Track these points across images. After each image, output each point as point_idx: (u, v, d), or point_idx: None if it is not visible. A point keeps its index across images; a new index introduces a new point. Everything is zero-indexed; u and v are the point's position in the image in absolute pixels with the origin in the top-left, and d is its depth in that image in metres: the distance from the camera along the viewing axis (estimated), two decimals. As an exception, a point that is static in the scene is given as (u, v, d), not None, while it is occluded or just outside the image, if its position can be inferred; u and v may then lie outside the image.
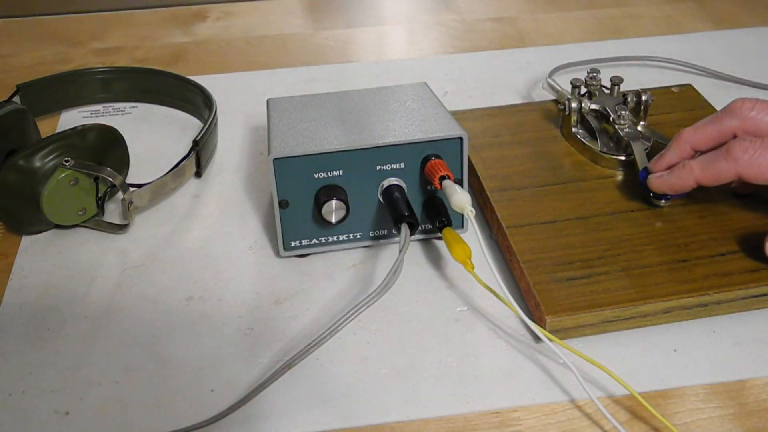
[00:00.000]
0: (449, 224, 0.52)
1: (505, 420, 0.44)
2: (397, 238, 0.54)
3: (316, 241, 0.54)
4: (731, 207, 0.54)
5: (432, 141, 0.51)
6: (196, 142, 0.61)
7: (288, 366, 0.45)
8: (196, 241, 0.57)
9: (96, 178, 0.56)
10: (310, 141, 0.51)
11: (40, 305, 0.52)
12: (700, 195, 0.54)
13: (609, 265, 0.50)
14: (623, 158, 0.58)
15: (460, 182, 0.52)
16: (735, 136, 0.50)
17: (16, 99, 0.67)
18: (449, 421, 0.44)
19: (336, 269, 0.54)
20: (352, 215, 0.52)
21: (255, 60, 0.82)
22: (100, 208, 0.57)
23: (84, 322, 0.51)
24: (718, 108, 0.65)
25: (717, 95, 0.68)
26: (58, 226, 0.57)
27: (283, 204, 0.52)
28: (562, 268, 0.50)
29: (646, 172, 0.54)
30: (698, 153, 0.52)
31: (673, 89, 0.68)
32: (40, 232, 0.58)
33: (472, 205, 0.48)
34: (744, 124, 0.50)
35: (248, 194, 0.62)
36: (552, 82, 0.70)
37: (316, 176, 0.51)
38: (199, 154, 0.61)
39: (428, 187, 0.53)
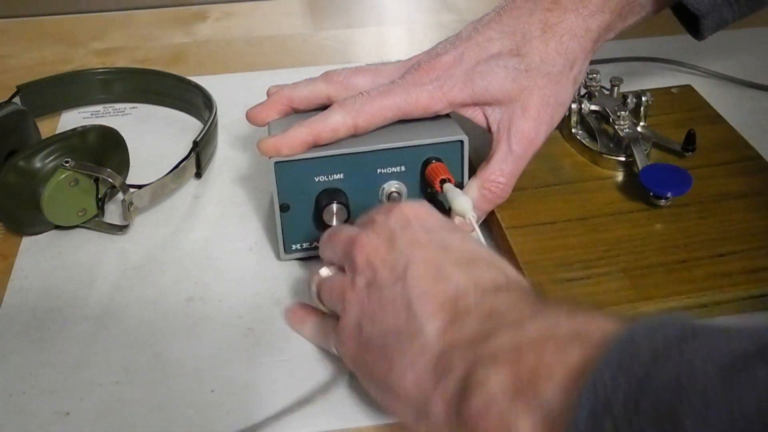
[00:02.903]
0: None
1: (505, 421, 0.44)
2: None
3: (317, 245, 0.54)
4: (731, 207, 0.54)
5: (433, 144, 0.51)
6: (196, 143, 0.61)
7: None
8: (196, 242, 0.57)
9: (96, 179, 0.56)
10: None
11: (40, 306, 0.52)
12: (700, 195, 0.54)
13: (609, 265, 0.50)
14: (623, 159, 0.58)
15: (461, 185, 0.52)
16: (329, 99, 0.53)
17: (17, 100, 0.67)
18: (449, 422, 0.44)
19: (336, 270, 0.54)
20: (353, 218, 0.52)
21: (255, 60, 0.82)
22: (101, 209, 0.57)
23: (84, 322, 0.51)
24: (718, 108, 0.65)
25: (717, 95, 0.68)
26: (58, 227, 0.57)
27: (283, 207, 0.52)
28: (562, 269, 0.50)
29: (647, 173, 0.54)
30: (295, 110, 0.55)
31: (672, 89, 0.68)
32: (41, 232, 0.58)
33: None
34: (336, 87, 0.53)
35: (248, 195, 0.62)
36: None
37: (316, 179, 0.51)
38: (199, 155, 0.61)
39: (429, 190, 0.53)
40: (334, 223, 0.51)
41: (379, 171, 0.51)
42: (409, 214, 0.42)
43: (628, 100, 0.60)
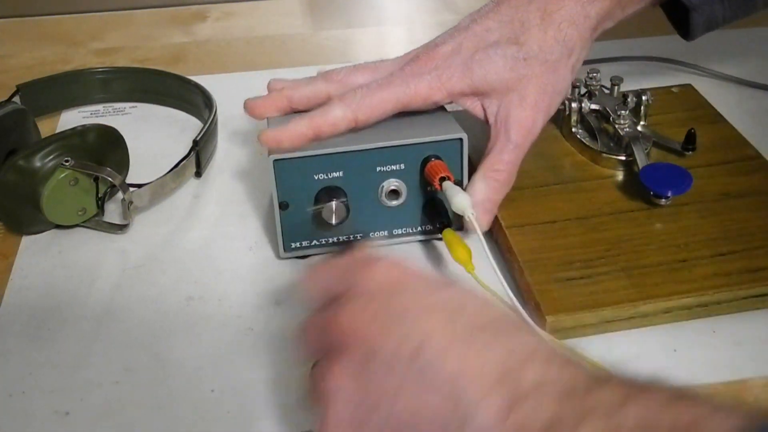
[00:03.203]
0: (449, 225, 0.52)
1: (505, 420, 0.44)
2: (396, 240, 0.54)
3: (317, 243, 0.54)
4: (731, 207, 0.54)
5: (432, 142, 0.51)
6: (196, 142, 0.61)
7: None
8: (196, 242, 0.57)
9: (96, 178, 0.56)
10: (310, 141, 0.51)
11: (40, 305, 0.52)
12: (701, 195, 0.54)
13: (609, 265, 0.50)
14: (623, 158, 0.58)
15: (460, 183, 0.52)
16: (329, 98, 0.52)
17: (16, 99, 0.67)
18: (449, 422, 0.44)
19: (336, 269, 0.54)
20: (353, 217, 0.52)
21: (255, 60, 0.82)
22: (100, 208, 0.57)
23: (84, 322, 0.51)
24: (719, 108, 0.65)
25: (717, 95, 0.68)
26: (58, 226, 0.57)
27: (283, 206, 0.52)
28: (562, 268, 0.50)
29: (647, 172, 0.54)
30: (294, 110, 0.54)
31: (673, 89, 0.68)
32: (40, 232, 0.58)
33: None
34: (336, 85, 0.54)
35: (248, 194, 0.62)
36: (552, 82, 0.69)
37: (316, 177, 0.51)
38: (199, 154, 0.61)
39: (428, 188, 0.53)
40: (334, 221, 0.51)
41: (378, 169, 0.51)
42: (394, 271, 0.35)
43: (629, 100, 0.60)
